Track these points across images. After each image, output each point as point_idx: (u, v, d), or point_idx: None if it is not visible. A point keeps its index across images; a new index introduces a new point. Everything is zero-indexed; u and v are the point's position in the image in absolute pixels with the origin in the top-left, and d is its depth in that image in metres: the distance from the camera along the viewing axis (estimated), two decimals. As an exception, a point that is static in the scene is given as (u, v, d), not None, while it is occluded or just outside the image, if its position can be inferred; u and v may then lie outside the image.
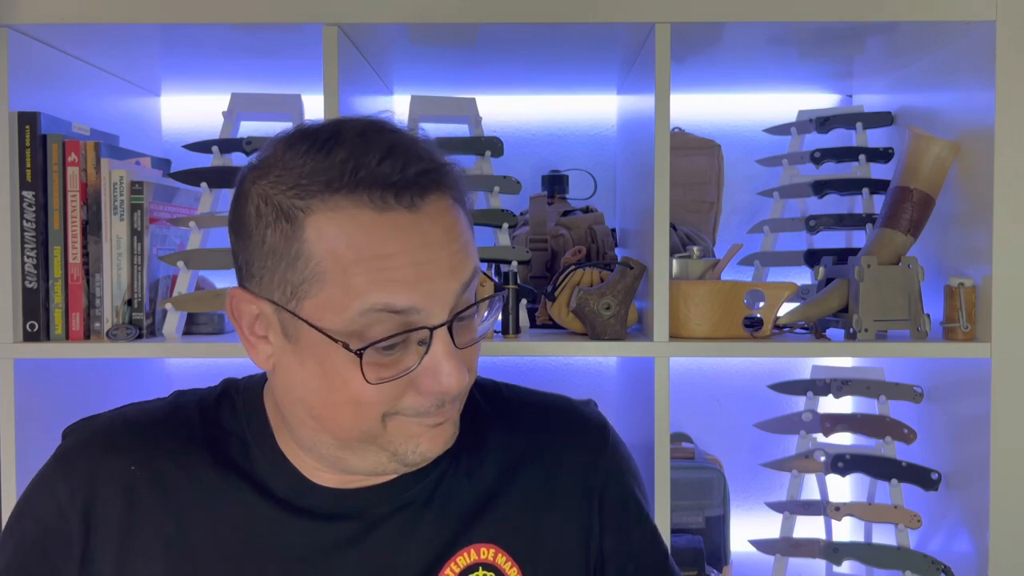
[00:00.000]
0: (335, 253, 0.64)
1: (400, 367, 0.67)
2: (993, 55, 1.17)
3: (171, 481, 0.75)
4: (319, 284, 0.65)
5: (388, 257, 0.64)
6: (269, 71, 1.48)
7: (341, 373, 0.67)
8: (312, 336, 0.66)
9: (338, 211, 0.65)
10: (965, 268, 1.27)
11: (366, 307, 0.64)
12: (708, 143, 1.59)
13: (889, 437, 1.36)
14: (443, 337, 0.67)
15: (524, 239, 1.48)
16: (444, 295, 0.67)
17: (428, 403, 0.69)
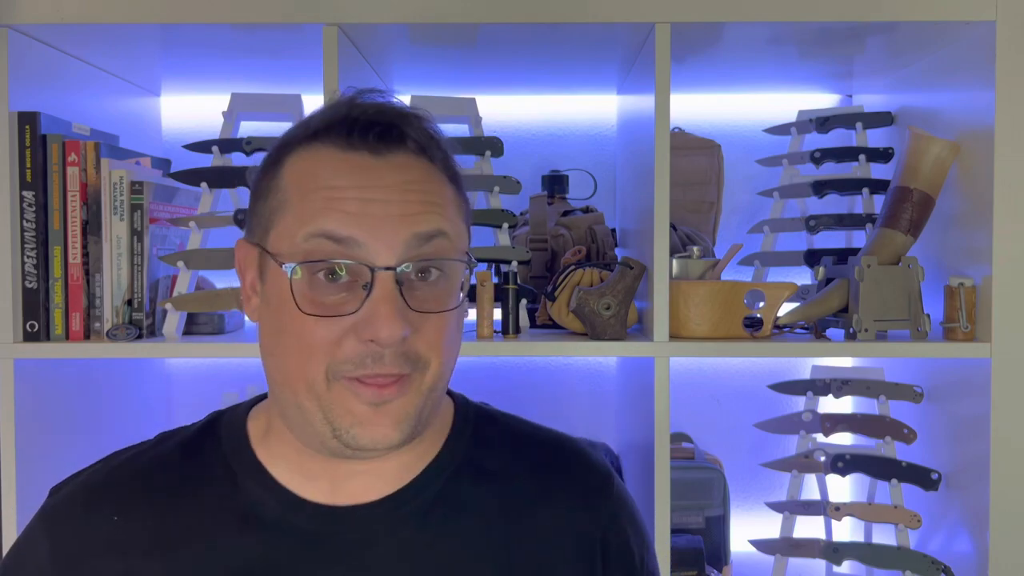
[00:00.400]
0: (298, 183, 0.69)
1: (340, 308, 0.67)
2: (993, 55, 1.17)
3: (157, 526, 0.73)
4: (280, 213, 0.70)
5: (340, 188, 0.68)
6: (269, 71, 1.48)
7: (290, 309, 0.68)
8: (274, 271, 0.69)
9: (311, 150, 0.70)
10: (965, 268, 1.27)
11: (308, 231, 0.67)
12: (708, 143, 1.59)
13: (889, 437, 1.36)
14: (386, 283, 0.67)
15: (524, 239, 1.48)
16: (391, 238, 0.67)
17: (364, 352, 0.67)
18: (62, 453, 1.15)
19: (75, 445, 1.33)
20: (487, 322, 1.27)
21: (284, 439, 0.75)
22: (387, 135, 0.70)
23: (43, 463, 1.24)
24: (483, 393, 0.96)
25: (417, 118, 0.72)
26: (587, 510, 0.80)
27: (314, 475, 0.74)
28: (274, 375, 0.72)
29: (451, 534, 0.75)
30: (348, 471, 0.74)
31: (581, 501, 0.80)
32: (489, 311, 1.28)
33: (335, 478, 0.74)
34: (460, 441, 0.79)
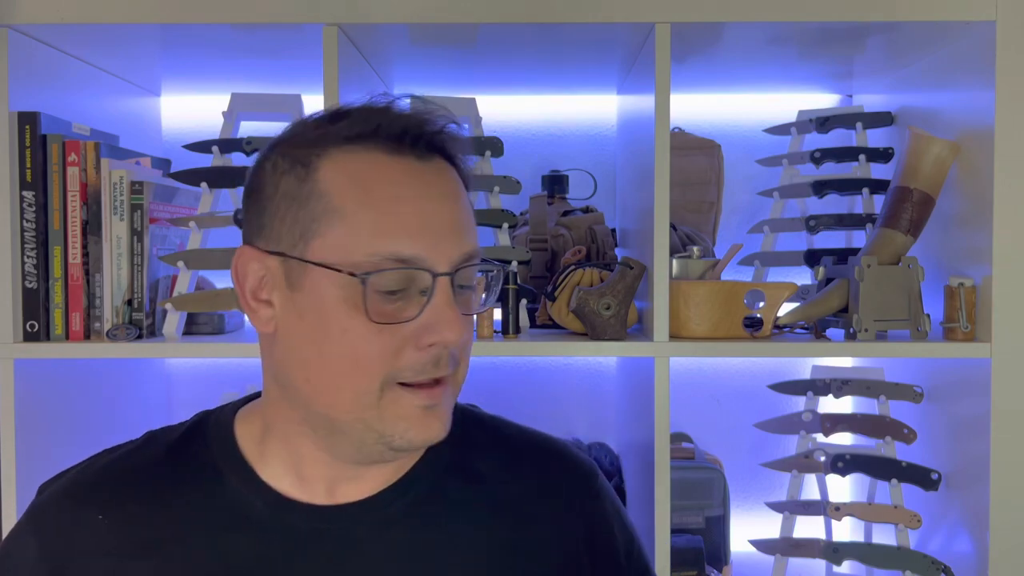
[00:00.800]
0: (347, 190, 0.67)
1: (401, 316, 0.67)
2: (993, 55, 1.17)
3: (143, 526, 0.73)
4: (328, 222, 0.67)
5: (397, 201, 0.67)
6: (269, 71, 1.48)
7: (341, 320, 0.67)
8: (315, 281, 0.67)
9: (352, 154, 0.69)
10: (965, 268, 1.27)
11: (372, 251, 0.66)
12: (708, 143, 1.59)
13: (889, 437, 1.36)
14: (445, 288, 0.68)
15: (524, 239, 1.48)
16: (448, 250, 0.68)
17: (426, 359, 0.68)
18: (62, 453, 1.14)
19: (75, 445, 1.33)
20: (487, 322, 1.27)
21: (285, 445, 0.74)
22: (432, 141, 0.70)
23: (43, 463, 1.24)
24: (483, 393, 0.96)
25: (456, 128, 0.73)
26: (572, 508, 0.81)
27: (310, 479, 0.74)
28: (302, 387, 0.70)
29: (438, 534, 0.75)
30: (346, 475, 0.74)
31: (566, 500, 0.81)
32: (489, 311, 1.28)
33: (333, 482, 0.74)
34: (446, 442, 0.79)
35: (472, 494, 0.78)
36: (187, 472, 0.76)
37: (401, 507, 0.75)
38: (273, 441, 0.75)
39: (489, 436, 0.83)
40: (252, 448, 0.76)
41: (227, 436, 0.77)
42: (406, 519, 0.75)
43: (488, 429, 0.84)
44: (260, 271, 0.70)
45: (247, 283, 0.71)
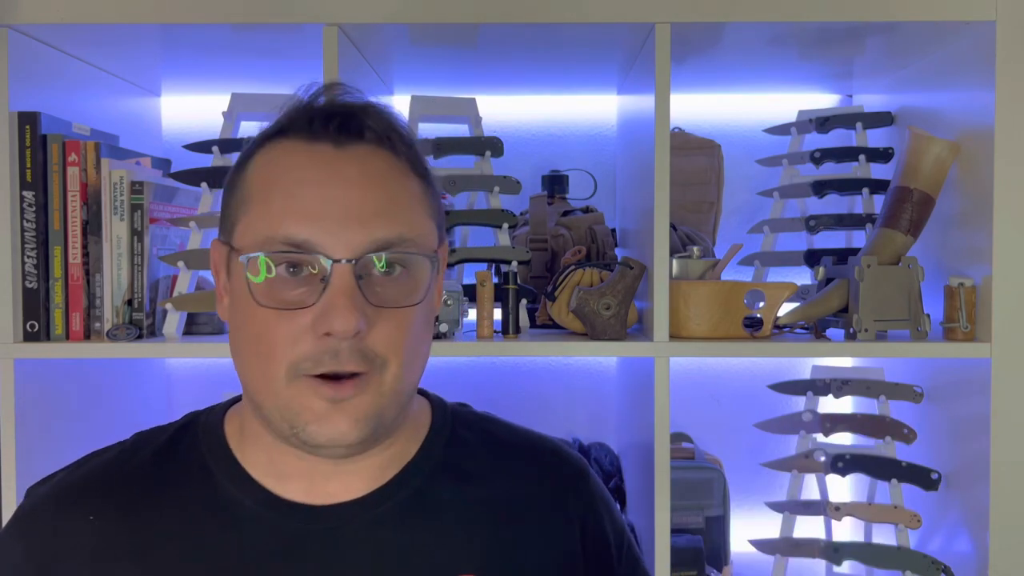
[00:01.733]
0: (262, 179, 0.70)
1: (299, 303, 0.67)
2: (993, 55, 1.17)
3: (133, 528, 0.73)
4: (245, 208, 0.70)
5: (300, 184, 0.68)
6: (269, 71, 1.48)
7: (247, 306, 0.68)
8: (236, 267, 0.70)
9: (277, 145, 0.72)
10: (965, 268, 1.27)
11: (268, 234, 0.68)
12: (708, 143, 1.59)
13: (889, 437, 1.36)
14: (342, 276, 0.66)
15: (524, 239, 1.48)
16: (349, 237, 0.67)
17: (322, 349, 0.66)
18: (62, 453, 1.14)
19: (75, 445, 1.32)
20: (487, 322, 1.27)
21: (258, 439, 0.75)
22: (347, 126, 0.70)
23: (43, 463, 1.23)
24: (483, 393, 0.96)
25: (378, 110, 0.72)
26: (563, 506, 0.81)
27: (288, 475, 0.74)
28: (238, 372, 0.72)
29: (428, 534, 0.75)
30: (324, 472, 0.74)
31: (557, 498, 0.81)
32: (489, 311, 1.28)
33: (312, 478, 0.74)
34: (437, 442, 0.79)
35: (462, 494, 0.78)
36: (177, 472, 0.76)
37: (391, 507, 0.75)
38: (251, 439, 0.75)
39: (478, 435, 0.83)
40: (239, 448, 0.76)
41: (217, 436, 0.77)
42: (396, 520, 0.75)
43: (477, 429, 0.83)
44: (223, 261, 0.74)
45: (220, 275, 0.75)
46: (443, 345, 1.24)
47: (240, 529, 0.73)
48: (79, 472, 0.77)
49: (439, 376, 0.95)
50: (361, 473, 0.75)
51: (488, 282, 1.28)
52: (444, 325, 1.25)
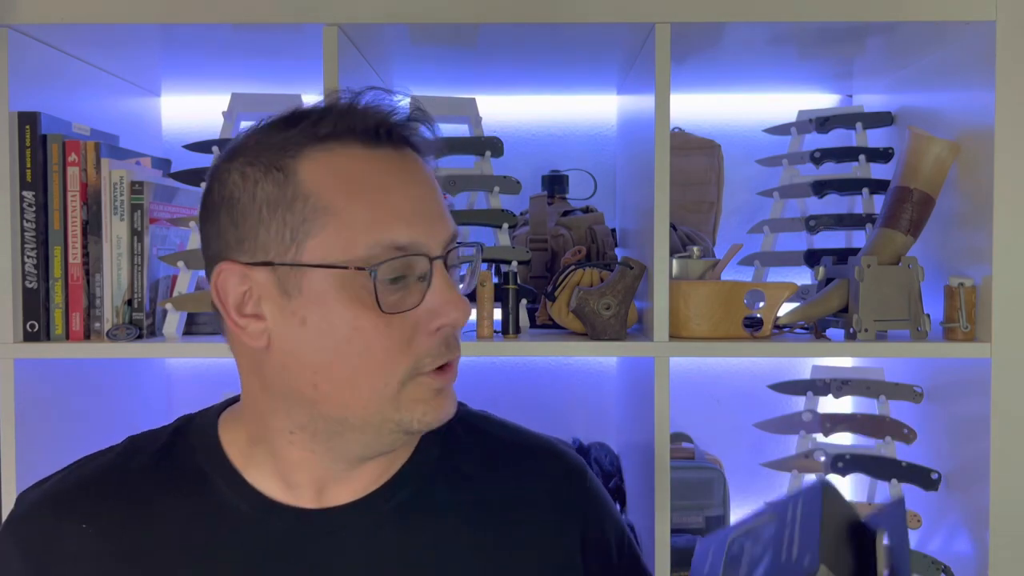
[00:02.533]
0: (333, 187, 0.66)
1: (406, 304, 0.68)
2: (993, 55, 1.17)
3: (129, 533, 0.72)
4: (321, 221, 0.66)
5: (386, 190, 0.68)
6: (269, 71, 1.48)
7: (350, 319, 0.66)
8: (315, 283, 0.66)
9: (329, 152, 0.68)
10: (965, 268, 1.27)
11: (371, 242, 0.66)
12: (708, 143, 1.59)
13: (889, 437, 1.36)
14: (442, 271, 0.69)
15: (524, 239, 1.48)
16: (438, 233, 0.70)
17: (438, 342, 0.69)
18: (62, 453, 1.14)
19: (75, 445, 1.32)
20: (487, 322, 1.27)
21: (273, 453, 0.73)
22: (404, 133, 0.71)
23: (43, 463, 1.24)
24: (483, 393, 0.96)
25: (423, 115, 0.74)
26: (561, 506, 0.81)
27: (298, 484, 0.74)
28: (308, 394, 0.68)
29: (425, 536, 0.75)
30: (337, 477, 0.74)
31: (555, 498, 0.81)
32: (489, 311, 1.28)
33: (321, 485, 0.74)
34: (433, 444, 0.79)
35: (459, 495, 0.78)
36: (173, 477, 0.75)
37: (388, 509, 0.75)
38: (260, 449, 0.74)
39: (475, 435, 0.83)
40: (237, 453, 0.75)
41: (212, 441, 0.76)
42: (393, 521, 0.75)
43: (473, 428, 0.84)
44: (243, 285, 0.68)
45: (229, 300, 0.69)
46: (443, 345, 1.24)
47: (236, 533, 0.72)
48: (73, 477, 0.76)
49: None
50: (362, 474, 0.75)
51: (488, 282, 1.28)
52: (444, 325, 1.25)
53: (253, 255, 0.68)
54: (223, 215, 0.69)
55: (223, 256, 0.69)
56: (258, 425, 0.74)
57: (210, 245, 0.71)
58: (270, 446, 0.73)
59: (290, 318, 0.67)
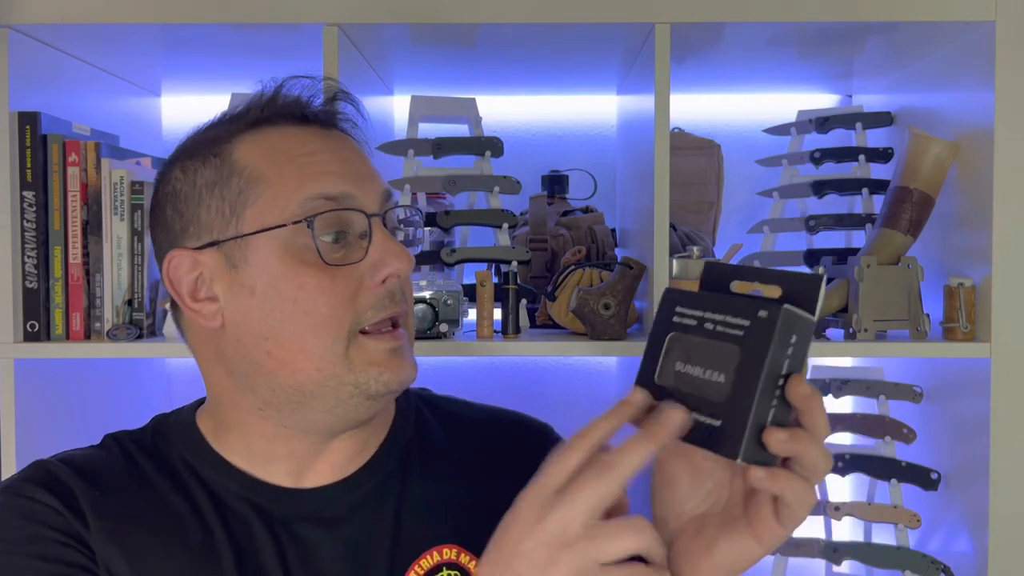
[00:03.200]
0: (265, 158, 0.71)
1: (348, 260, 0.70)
2: (993, 55, 1.17)
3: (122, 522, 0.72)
4: (255, 189, 0.70)
5: (314, 154, 0.71)
6: (269, 71, 1.46)
7: (294, 278, 0.68)
8: (259, 250, 0.69)
9: (260, 132, 0.73)
10: (965, 268, 1.27)
11: (304, 196, 0.69)
12: (708, 143, 1.59)
13: (889, 437, 1.36)
14: (380, 226, 0.72)
15: (524, 239, 1.48)
16: (372, 190, 0.72)
17: (382, 294, 0.70)
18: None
19: (75, 445, 1.32)
20: (487, 322, 1.27)
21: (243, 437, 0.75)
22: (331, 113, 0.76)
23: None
24: (483, 393, 0.96)
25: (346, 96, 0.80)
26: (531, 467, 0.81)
27: (278, 457, 0.75)
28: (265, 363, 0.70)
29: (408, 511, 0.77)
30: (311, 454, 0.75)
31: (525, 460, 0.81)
32: (489, 311, 1.28)
33: (301, 459, 0.75)
34: (406, 423, 0.82)
35: (435, 468, 0.80)
36: (159, 469, 0.76)
37: (371, 487, 0.77)
38: (235, 435, 0.76)
39: (443, 415, 0.86)
40: (217, 442, 0.77)
41: (192, 431, 0.78)
42: (376, 499, 0.77)
43: (441, 409, 0.87)
44: (194, 271, 0.71)
45: (183, 287, 0.72)
46: (443, 345, 1.24)
47: (226, 515, 0.73)
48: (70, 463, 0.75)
49: (439, 376, 0.95)
50: (344, 451, 0.76)
51: (488, 282, 1.28)
52: (444, 325, 1.25)
53: (199, 238, 0.71)
54: (168, 209, 0.73)
55: (172, 246, 0.73)
56: (229, 411, 0.75)
57: (160, 241, 0.75)
58: (244, 430, 0.75)
59: (239, 290, 0.70)
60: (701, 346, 0.58)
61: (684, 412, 0.57)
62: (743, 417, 0.55)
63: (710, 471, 0.63)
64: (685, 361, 0.59)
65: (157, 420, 0.82)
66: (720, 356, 0.57)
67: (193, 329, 0.75)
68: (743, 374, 0.55)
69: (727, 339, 0.57)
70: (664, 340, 0.61)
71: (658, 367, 0.61)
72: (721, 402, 0.56)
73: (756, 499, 0.60)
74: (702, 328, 0.59)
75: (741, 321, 0.56)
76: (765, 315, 0.55)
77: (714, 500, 0.63)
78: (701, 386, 0.58)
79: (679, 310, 0.60)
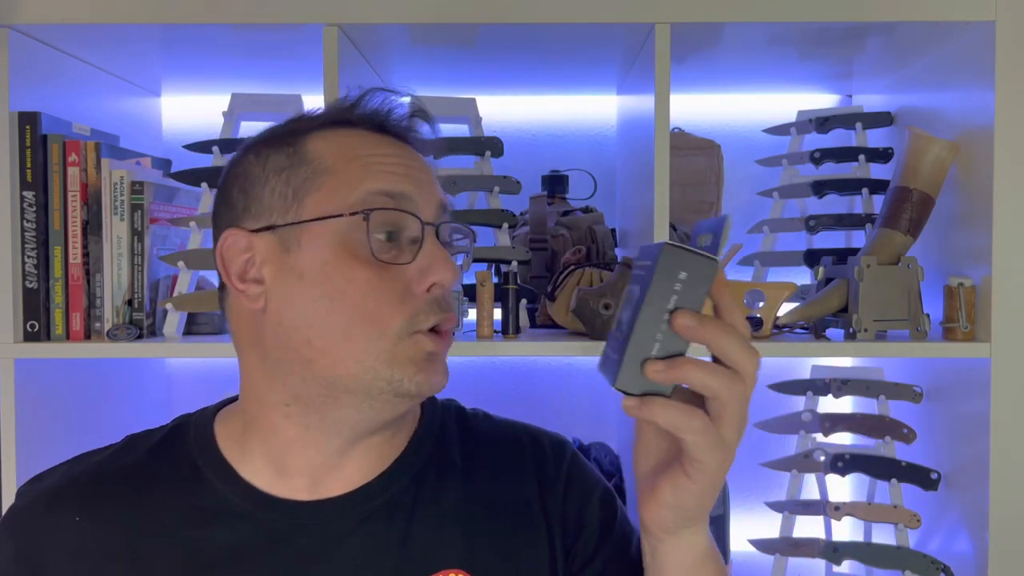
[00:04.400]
0: (335, 152, 0.73)
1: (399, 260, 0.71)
2: (993, 55, 1.17)
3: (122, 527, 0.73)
4: (320, 180, 0.71)
5: (383, 156, 0.73)
6: (269, 71, 1.48)
7: (345, 270, 0.69)
8: (314, 237, 0.70)
9: (336, 131, 0.75)
10: (965, 268, 1.27)
11: (365, 190, 0.70)
12: (708, 143, 1.59)
13: (889, 437, 1.36)
14: (433, 236, 0.73)
15: (524, 239, 1.48)
16: (431, 198, 0.74)
17: (430, 300, 0.71)
18: (62, 453, 1.14)
19: (75, 445, 1.32)
20: (487, 322, 1.27)
21: (267, 436, 0.75)
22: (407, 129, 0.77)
23: (43, 463, 1.23)
24: (483, 393, 0.96)
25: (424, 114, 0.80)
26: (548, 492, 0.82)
27: (292, 471, 0.75)
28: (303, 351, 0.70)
29: (417, 529, 0.76)
30: (331, 463, 0.75)
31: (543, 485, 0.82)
32: (489, 311, 1.28)
33: (316, 473, 0.75)
34: (427, 438, 0.81)
35: (450, 489, 0.79)
36: (167, 472, 0.76)
37: (382, 502, 0.76)
38: (253, 435, 0.76)
39: (464, 431, 0.85)
40: (232, 446, 0.77)
41: (207, 436, 0.78)
42: (385, 514, 0.75)
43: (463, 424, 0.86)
44: (246, 252, 0.72)
45: (233, 267, 0.72)
46: (443, 345, 1.24)
47: (228, 527, 0.73)
48: (71, 473, 0.77)
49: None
50: (359, 461, 0.76)
51: (488, 282, 1.28)
52: (444, 325, 1.25)
53: (258, 220, 0.72)
54: (235, 189, 0.74)
55: (231, 225, 0.73)
56: (254, 404, 0.75)
57: (220, 220, 0.75)
58: (264, 430, 0.74)
59: (288, 274, 0.70)
60: (626, 290, 0.65)
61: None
62: (625, 348, 0.60)
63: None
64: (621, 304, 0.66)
65: (179, 420, 0.82)
66: (628, 295, 0.63)
67: (236, 310, 0.75)
68: (635, 308, 0.60)
69: (636, 280, 0.62)
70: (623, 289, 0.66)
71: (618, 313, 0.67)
72: (621, 338, 0.62)
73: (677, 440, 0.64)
74: (634, 275, 0.65)
75: (646, 263, 0.61)
76: (656, 253, 0.60)
77: (666, 449, 0.67)
78: (619, 324, 0.64)
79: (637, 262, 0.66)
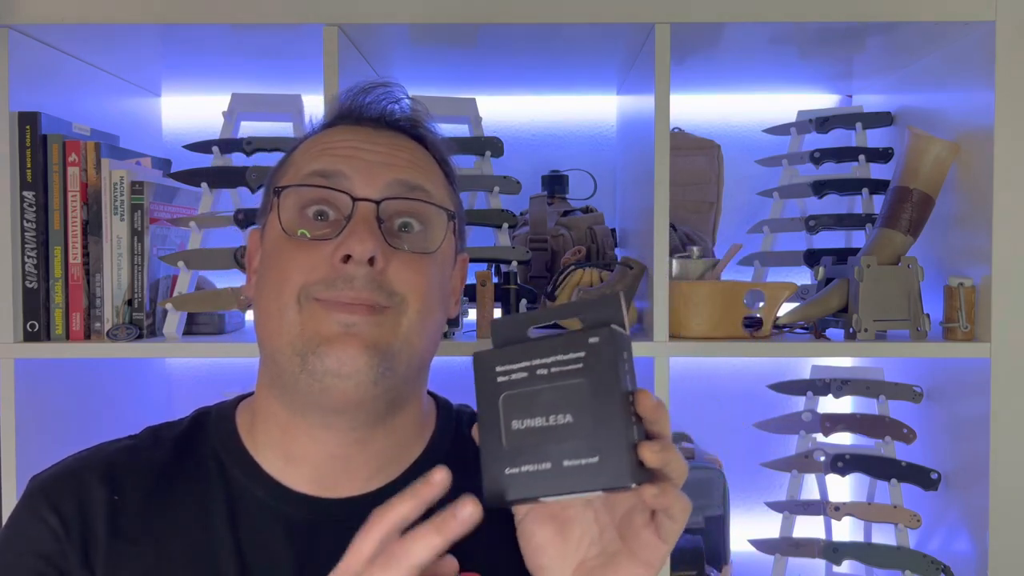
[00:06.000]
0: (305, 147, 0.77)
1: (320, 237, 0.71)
2: (993, 55, 1.17)
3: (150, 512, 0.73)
4: (284, 170, 0.77)
5: (337, 141, 0.75)
6: (269, 71, 1.48)
7: (274, 248, 0.73)
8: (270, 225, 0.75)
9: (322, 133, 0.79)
10: (965, 268, 1.27)
11: (303, 175, 0.73)
12: (708, 143, 1.59)
13: (889, 437, 1.36)
14: (365, 212, 0.71)
15: (524, 239, 1.48)
16: (374, 177, 0.73)
17: (336, 274, 0.69)
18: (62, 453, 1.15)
19: (75, 445, 1.32)
20: (487, 322, 1.27)
21: (269, 422, 0.76)
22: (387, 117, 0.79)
23: (43, 463, 1.23)
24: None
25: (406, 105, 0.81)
26: None
27: (296, 457, 0.75)
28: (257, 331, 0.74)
29: None
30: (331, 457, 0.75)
31: None
32: (489, 311, 1.28)
33: (317, 462, 0.75)
34: (443, 442, 0.81)
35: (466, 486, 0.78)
36: (192, 464, 0.76)
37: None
38: (261, 424, 0.76)
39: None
40: (250, 439, 0.77)
41: (229, 427, 0.78)
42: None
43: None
44: (256, 246, 0.79)
45: (252, 261, 0.80)
46: (443, 345, 1.24)
47: (251, 519, 0.74)
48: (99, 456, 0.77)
49: (439, 376, 0.95)
50: (369, 464, 0.76)
51: (488, 282, 1.29)
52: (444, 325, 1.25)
53: (261, 220, 0.79)
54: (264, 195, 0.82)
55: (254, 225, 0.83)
56: (257, 393, 0.78)
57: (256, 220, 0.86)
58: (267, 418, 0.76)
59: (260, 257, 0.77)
60: (541, 394, 0.57)
61: (474, 503, 0.55)
62: (619, 442, 0.54)
63: (575, 519, 0.63)
64: (525, 416, 0.57)
65: (199, 412, 0.82)
66: (566, 396, 0.55)
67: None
68: (599, 402, 0.54)
69: (569, 376, 0.56)
70: (498, 404, 0.58)
71: (502, 433, 0.58)
72: (586, 438, 0.54)
73: (632, 526, 0.60)
74: (536, 376, 0.57)
75: (576, 355, 0.55)
76: (597, 340, 0.55)
77: (588, 544, 0.63)
78: (553, 434, 0.56)
79: (500, 369, 0.58)
